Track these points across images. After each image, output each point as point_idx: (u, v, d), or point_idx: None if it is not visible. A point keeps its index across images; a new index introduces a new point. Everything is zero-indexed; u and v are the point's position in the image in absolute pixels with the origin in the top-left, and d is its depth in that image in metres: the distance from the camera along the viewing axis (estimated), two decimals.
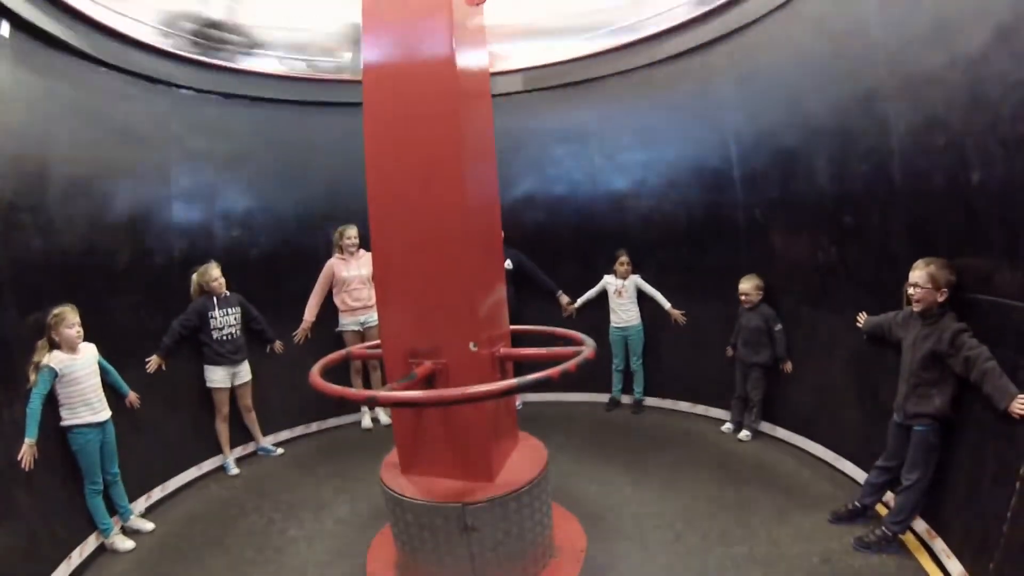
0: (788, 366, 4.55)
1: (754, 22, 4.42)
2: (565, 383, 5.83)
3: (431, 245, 2.82)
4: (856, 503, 3.53)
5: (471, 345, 2.79)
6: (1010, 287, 2.69)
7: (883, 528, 3.24)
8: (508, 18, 5.47)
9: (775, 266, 4.62)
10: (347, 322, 5.50)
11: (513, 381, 2.39)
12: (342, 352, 3.44)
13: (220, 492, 4.50)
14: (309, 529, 3.85)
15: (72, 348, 3.55)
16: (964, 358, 2.84)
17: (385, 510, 3.08)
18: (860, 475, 3.87)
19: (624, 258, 5.56)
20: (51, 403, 3.46)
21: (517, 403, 5.60)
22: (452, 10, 2.76)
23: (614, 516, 3.76)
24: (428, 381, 2.85)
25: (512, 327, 3.41)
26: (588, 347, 2.82)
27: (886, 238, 3.53)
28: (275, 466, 4.98)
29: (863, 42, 3.55)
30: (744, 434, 4.83)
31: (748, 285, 4.69)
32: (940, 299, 2.99)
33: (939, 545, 3.09)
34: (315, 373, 2.77)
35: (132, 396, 4.08)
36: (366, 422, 5.67)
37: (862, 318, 3.72)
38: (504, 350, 3.11)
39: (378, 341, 3.31)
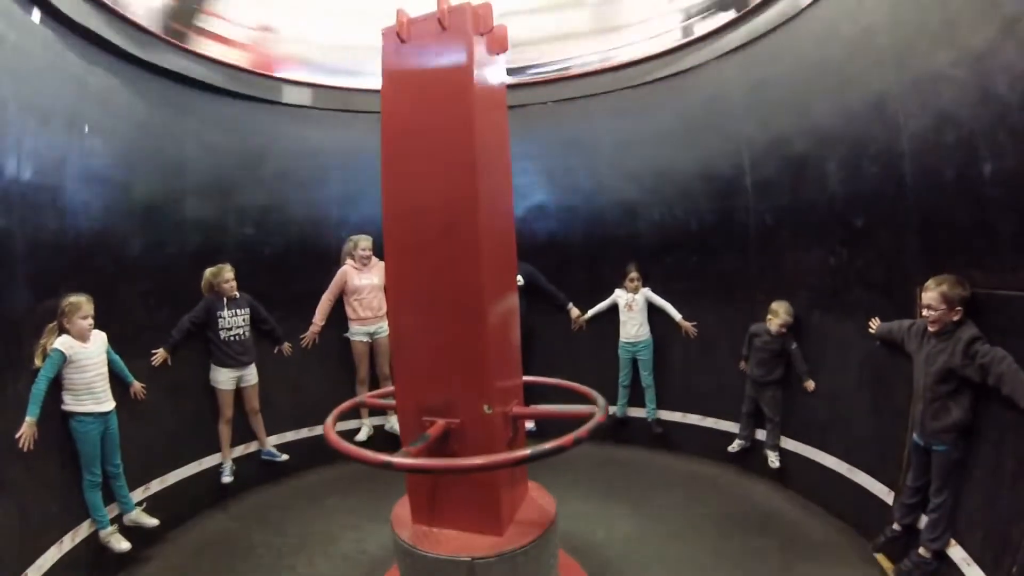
0: (811, 384, 4.37)
1: (765, 34, 4.51)
2: (575, 400, 5.85)
3: (447, 307, 2.83)
4: (896, 527, 3.41)
5: (485, 408, 2.80)
6: None
7: (921, 551, 3.14)
8: (524, 31, 5.62)
9: (786, 272, 4.58)
10: (356, 331, 5.52)
11: (526, 451, 2.42)
12: (355, 400, 3.48)
13: (228, 523, 4.49)
14: (318, 567, 3.81)
15: (82, 339, 3.57)
16: (979, 366, 2.81)
17: (395, 555, 3.08)
18: (874, 486, 3.78)
19: (634, 274, 5.54)
20: (56, 387, 3.45)
21: (530, 425, 5.52)
22: (472, 61, 2.75)
23: (619, 564, 3.71)
24: (442, 438, 2.86)
25: (525, 379, 3.42)
26: (599, 410, 2.82)
27: (898, 238, 3.51)
28: (282, 494, 4.96)
29: (871, 47, 3.61)
30: (773, 458, 4.68)
31: (788, 315, 4.44)
32: (955, 317, 2.96)
33: (958, 553, 2.97)
34: (330, 427, 2.79)
35: (137, 386, 4.08)
36: (361, 436, 5.60)
37: (874, 324, 3.67)
38: (517, 408, 3.11)
39: (391, 389, 3.30)
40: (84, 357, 3.56)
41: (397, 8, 2.83)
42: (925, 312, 3.07)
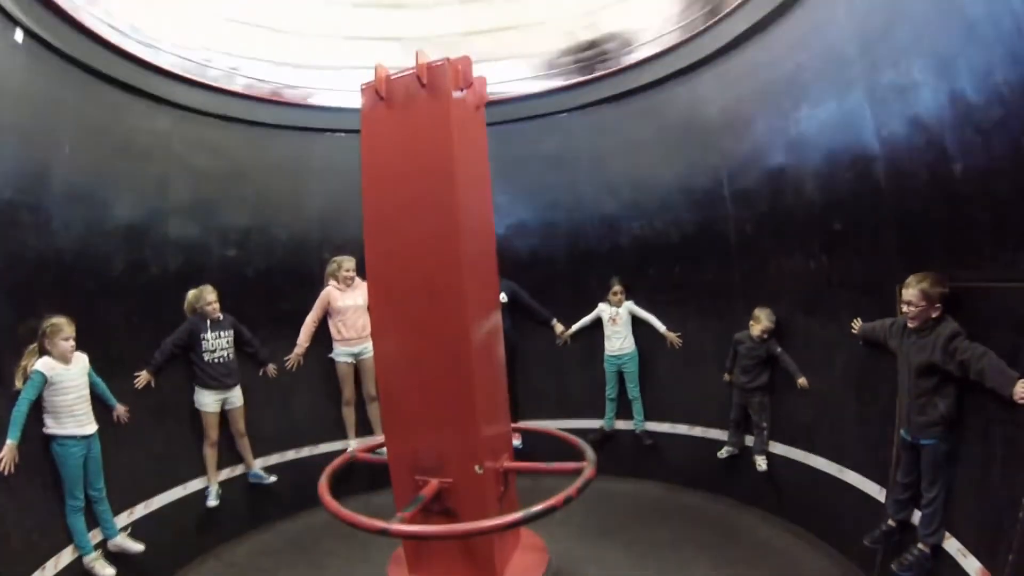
0: (803, 380, 4.38)
1: (738, 45, 4.63)
2: (561, 412, 5.81)
3: (436, 371, 2.86)
4: (890, 523, 3.42)
5: (476, 468, 2.82)
6: (1001, 270, 2.74)
7: (919, 546, 3.15)
8: (498, 47, 5.76)
9: (769, 279, 4.66)
10: (340, 352, 5.46)
11: (519, 515, 2.48)
12: (346, 456, 3.44)
13: (222, 571, 4.42)
14: None
15: (64, 360, 3.50)
16: (959, 362, 2.86)
17: None
18: (865, 484, 3.81)
19: (617, 287, 5.59)
20: (37, 410, 3.38)
21: (516, 443, 5.48)
22: (453, 120, 2.75)
23: None
24: (436, 496, 2.88)
25: (514, 425, 3.46)
26: (589, 465, 2.85)
27: (876, 239, 3.61)
28: (274, 541, 4.86)
29: (842, 57, 3.74)
30: (761, 462, 4.70)
31: (769, 321, 4.55)
32: (935, 314, 3.03)
33: (953, 544, 3.00)
34: (324, 490, 2.78)
35: (120, 409, 4.00)
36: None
37: (857, 324, 3.74)
38: (508, 463, 3.13)
39: (381, 440, 3.35)
40: (66, 379, 3.50)
41: (376, 64, 2.82)
42: (905, 308, 3.13)
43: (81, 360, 3.66)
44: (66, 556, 3.44)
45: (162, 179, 4.62)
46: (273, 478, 5.06)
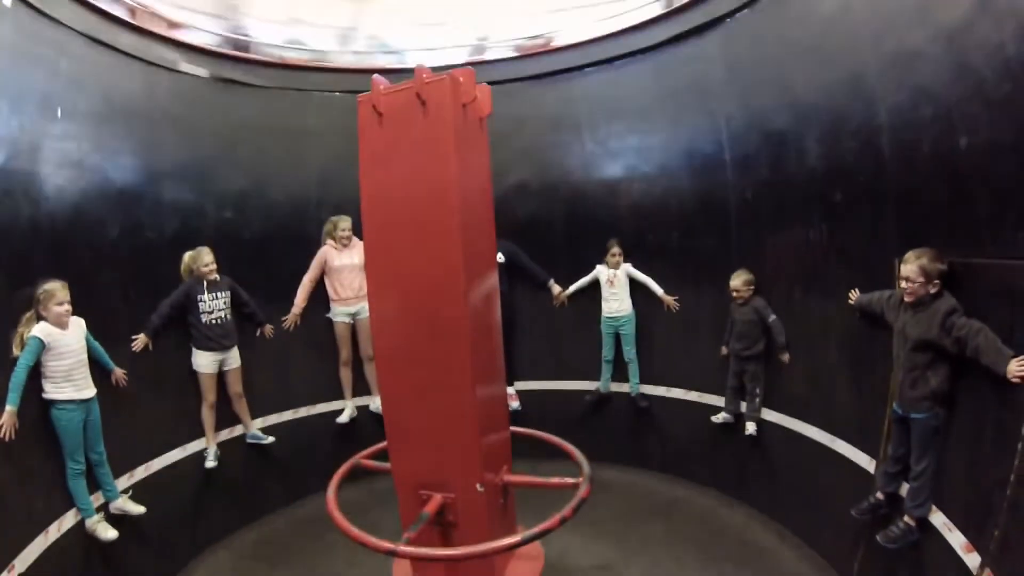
0: (786, 357, 4.48)
1: (743, 7, 4.49)
2: (560, 373, 5.84)
3: (439, 391, 2.85)
4: (878, 495, 3.47)
5: (478, 487, 2.85)
6: (1000, 246, 2.72)
7: (905, 519, 3.20)
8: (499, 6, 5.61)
9: (766, 249, 4.64)
10: (338, 311, 5.49)
11: (517, 537, 2.54)
12: (351, 461, 3.43)
13: (230, 560, 4.53)
14: None
15: (60, 325, 3.50)
16: (956, 338, 2.85)
17: None
18: (855, 455, 3.86)
19: (615, 249, 5.57)
20: (35, 376, 3.40)
21: (515, 404, 5.58)
22: (454, 140, 2.65)
23: None
24: (439, 513, 2.93)
25: (514, 429, 3.46)
26: (584, 482, 2.88)
27: (877, 211, 3.56)
28: (282, 529, 4.99)
29: (849, 24, 3.63)
30: (751, 427, 4.77)
31: (738, 281, 4.66)
32: (932, 291, 3.01)
33: (939, 519, 3.06)
34: (332, 503, 2.80)
35: (118, 373, 4.01)
36: (343, 417, 5.60)
37: (854, 295, 3.73)
38: (507, 476, 3.16)
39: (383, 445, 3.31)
40: (63, 344, 3.50)
41: (373, 76, 2.72)
42: (903, 284, 3.11)
43: (78, 325, 3.66)
44: (68, 520, 3.51)
45: (157, 142, 4.53)
46: (271, 439, 5.13)
